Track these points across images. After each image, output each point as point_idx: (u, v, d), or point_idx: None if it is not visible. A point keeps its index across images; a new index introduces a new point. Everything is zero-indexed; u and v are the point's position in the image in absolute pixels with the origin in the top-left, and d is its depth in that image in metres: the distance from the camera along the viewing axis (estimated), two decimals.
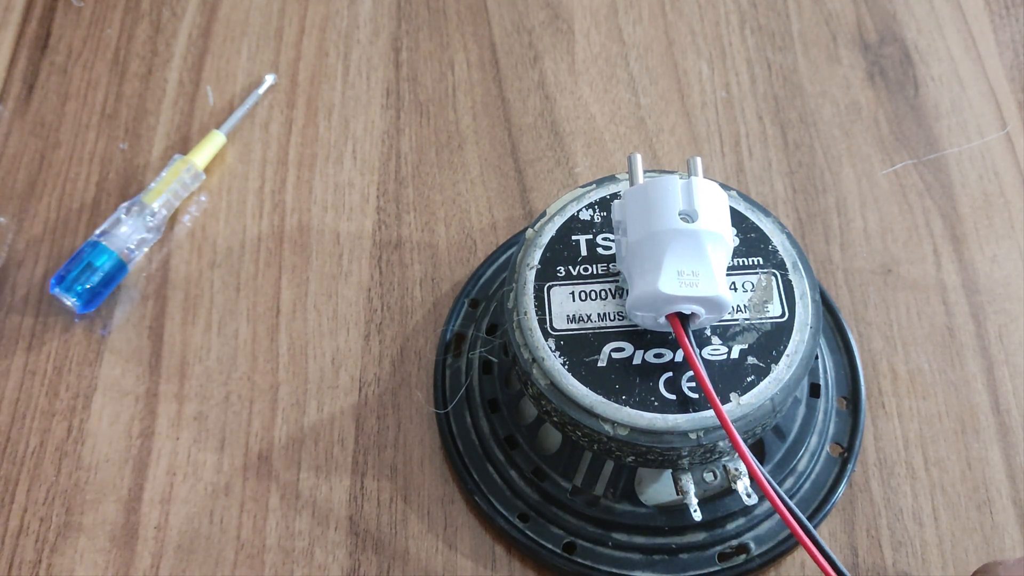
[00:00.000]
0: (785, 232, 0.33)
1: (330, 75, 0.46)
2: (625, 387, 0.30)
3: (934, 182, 0.43)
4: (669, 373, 0.31)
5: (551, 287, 0.32)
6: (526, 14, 0.48)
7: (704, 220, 0.29)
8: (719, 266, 0.30)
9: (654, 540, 0.34)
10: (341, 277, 0.41)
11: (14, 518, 0.36)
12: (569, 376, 0.30)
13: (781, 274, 0.32)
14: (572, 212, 0.34)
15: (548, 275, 0.32)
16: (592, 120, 0.45)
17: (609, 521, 0.34)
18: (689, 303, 0.29)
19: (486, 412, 0.36)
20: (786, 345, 0.31)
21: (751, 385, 0.30)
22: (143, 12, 0.48)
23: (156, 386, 0.38)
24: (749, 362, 0.31)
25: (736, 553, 0.34)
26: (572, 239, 0.33)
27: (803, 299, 0.32)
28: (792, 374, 0.30)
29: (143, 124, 0.45)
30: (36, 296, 0.40)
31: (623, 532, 0.34)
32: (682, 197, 0.30)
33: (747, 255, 0.33)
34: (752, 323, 0.31)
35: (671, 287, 0.29)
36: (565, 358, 0.31)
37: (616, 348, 0.31)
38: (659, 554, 0.34)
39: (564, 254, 0.33)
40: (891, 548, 0.35)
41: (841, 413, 0.37)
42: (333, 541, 0.35)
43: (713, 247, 0.29)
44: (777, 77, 0.46)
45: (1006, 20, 0.48)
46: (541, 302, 0.32)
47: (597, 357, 0.31)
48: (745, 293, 0.32)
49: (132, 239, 0.40)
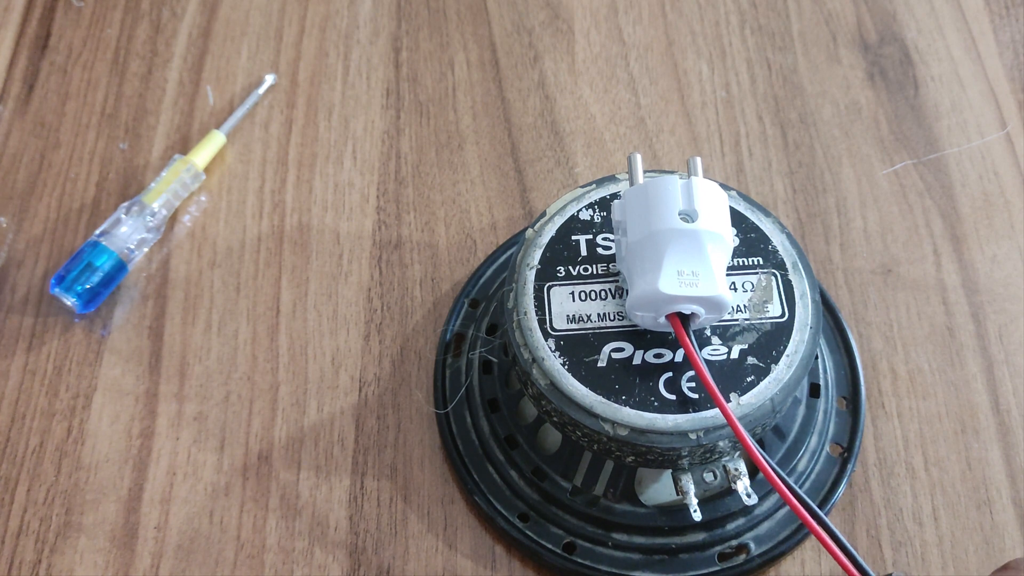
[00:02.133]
0: (785, 232, 0.33)
1: (330, 75, 0.46)
2: (625, 387, 0.30)
3: (934, 182, 0.43)
4: (669, 373, 0.31)
5: (551, 287, 0.32)
6: (526, 14, 0.48)
7: (704, 220, 0.29)
8: (719, 266, 0.30)
9: (654, 540, 0.34)
10: (341, 277, 0.41)
11: (14, 518, 0.36)
12: (569, 376, 0.30)
13: (781, 274, 0.32)
14: (572, 212, 0.34)
15: (548, 275, 0.32)
16: (592, 120, 0.45)
17: (609, 521, 0.34)
18: (689, 303, 0.29)
19: (486, 412, 0.36)
20: (786, 345, 0.31)
21: (751, 385, 0.30)
22: (143, 12, 0.48)
23: (156, 386, 0.38)
24: (749, 362, 0.31)
25: (736, 553, 0.34)
26: (572, 239, 0.33)
27: (803, 299, 0.32)
28: (792, 374, 0.30)
29: (143, 124, 0.45)
30: (36, 296, 0.40)
31: (623, 532, 0.34)
32: (682, 197, 0.30)
33: (747, 255, 0.33)
34: (752, 323, 0.31)
35: (671, 287, 0.29)
36: (565, 358, 0.31)
37: (616, 348, 0.31)
38: (659, 554, 0.34)
39: (564, 254, 0.33)
40: (891, 548, 0.35)
41: (841, 413, 0.37)
42: (333, 541, 0.35)
43: (713, 247, 0.29)
44: (777, 77, 0.46)
45: (1006, 20, 0.48)
46: (541, 302, 0.32)
47: (597, 357, 0.31)
48: (745, 293, 0.32)
49: (132, 239, 0.40)
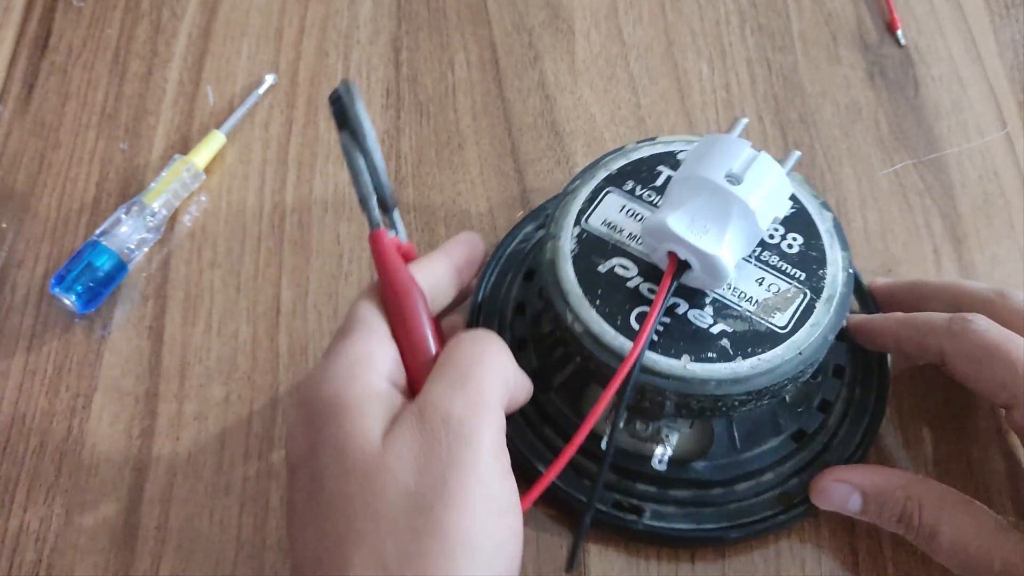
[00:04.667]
0: (851, 272, 0.33)
1: (330, 75, 0.46)
2: (606, 297, 0.32)
3: (934, 182, 0.43)
4: (646, 308, 0.32)
5: (609, 192, 0.34)
6: (526, 14, 0.48)
7: (744, 190, 0.30)
8: (735, 236, 0.30)
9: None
10: (341, 277, 0.41)
11: (14, 518, 0.36)
12: (568, 262, 0.33)
13: (811, 298, 0.32)
14: (677, 148, 0.35)
15: (616, 182, 0.35)
16: (592, 120, 0.45)
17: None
18: (687, 250, 0.30)
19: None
20: (765, 351, 0.31)
21: (709, 360, 0.31)
22: (143, 12, 0.48)
23: (156, 386, 0.38)
24: (721, 343, 0.31)
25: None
26: (657, 168, 0.35)
27: (813, 328, 0.32)
28: (750, 380, 0.31)
29: (143, 124, 0.45)
30: (36, 296, 0.40)
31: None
32: (739, 161, 0.30)
33: (795, 266, 0.33)
34: (751, 317, 0.32)
35: (678, 227, 0.30)
36: (577, 248, 0.33)
37: (623, 265, 0.33)
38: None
39: (642, 175, 0.35)
40: (891, 548, 0.35)
41: None
42: None
43: (738, 218, 0.30)
44: (777, 77, 0.46)
45: (1006, 20, 0.48)
46: (594, 198, 0.34)
47: (602, 262, 0.32)
48: (765, 291, 0.32)
49: (132, 239, 0.40)
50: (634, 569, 0.35)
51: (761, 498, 0.35)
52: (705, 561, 0.35)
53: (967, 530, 0.31)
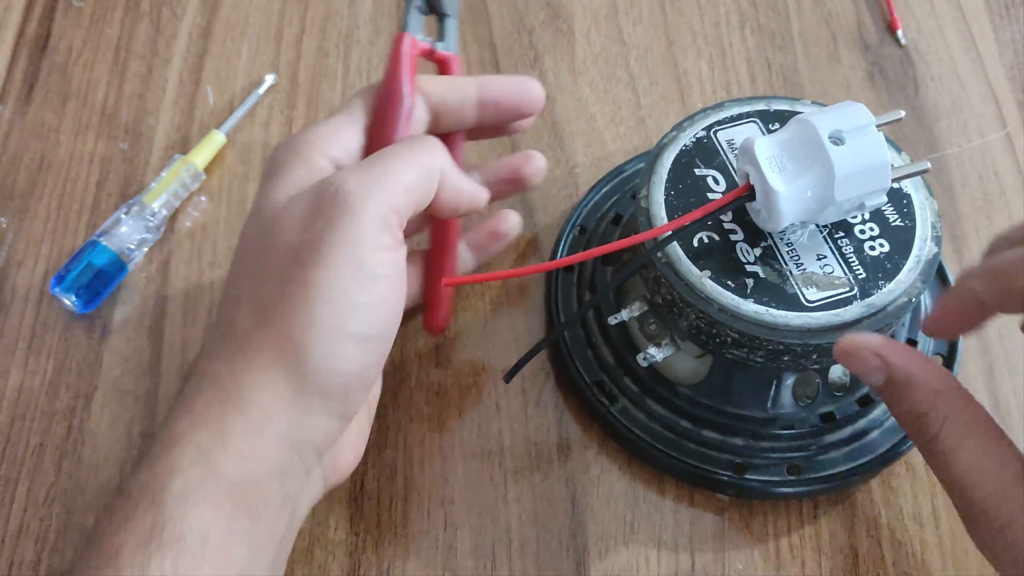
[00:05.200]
0: (912, 301, 0.32)
1: (330, 75, 0.46)
2: (683, 194, 0.34)
3: (934, 182, 0.43)
4: (745, 246, 0.32)
5: (752, 121, 0.35)
6: (526, 14, 0.48)
7: (838, 154, 0.30)
8: (805, 188, 0.30)
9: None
10: None
11: (14, 518, 0.36)
12: (676, 152, 0.34)
13: (854, 296, 0.31)
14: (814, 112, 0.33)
15: (764, 118, 0.35)
16: (592, 120, 0.45)
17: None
18: (757, 176, 0.31)
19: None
20: (777, 308, 0.31)
21: (724, 285, 0.31)
22: (143, 12, 0.48)
23: (156, 386, 0.38)
24: (745, 280, 0.32)
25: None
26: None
27: (832, 316, 0.31)
28: (751, 318, 0.31)
29: (143, 124, 0.45)
30: (36, 296, 0.40)
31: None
32: (850, 126, 0.30)
33: (862, 265, 0.32)
34: (787, 278, 0.32)
35: (760, 151, 0.31)
36: (692, 146, 0.35)
37: (715, 177, 0.34)
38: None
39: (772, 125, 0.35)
40: (891, 548, 0.35)
41: None
42: (333, 541, 0.35)
43: (818, 172, 0.30)
44: (777, 77, 0.46)
45: (1006, 20, 0.48)
46: (737, 120, 0.35)
47: (702, 168, 0.34)
48: (818, 268, 0.32)
49: (132, 239, 0.40)
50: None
51: (722, 456, 0.35)
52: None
53: (986, 470, 0.26)
